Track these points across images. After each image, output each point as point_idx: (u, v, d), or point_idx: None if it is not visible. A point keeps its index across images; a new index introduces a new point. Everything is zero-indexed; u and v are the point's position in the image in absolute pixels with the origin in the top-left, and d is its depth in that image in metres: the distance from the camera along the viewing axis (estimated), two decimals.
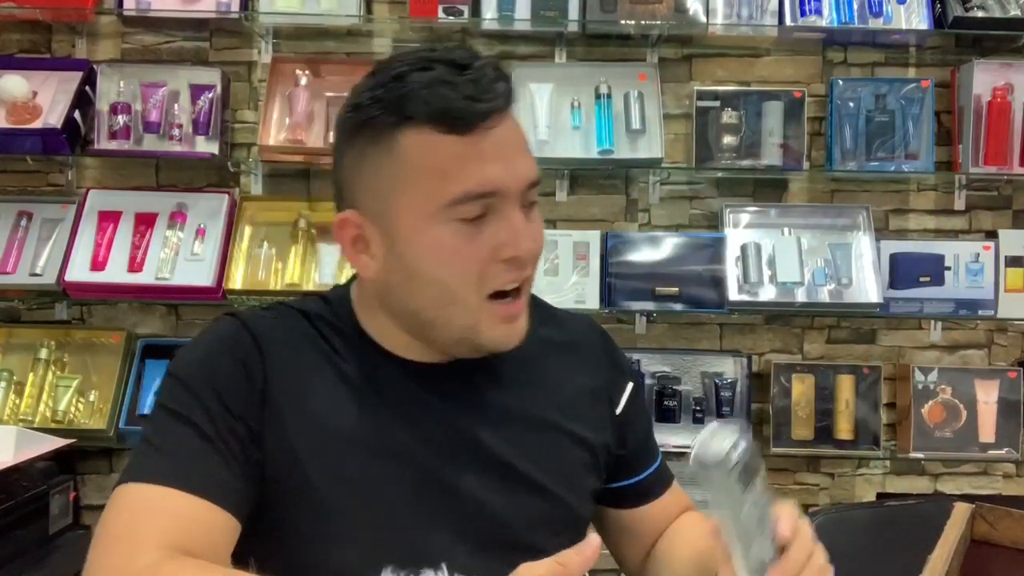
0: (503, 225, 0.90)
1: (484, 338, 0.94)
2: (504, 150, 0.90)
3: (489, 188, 0.89)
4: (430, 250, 0.90)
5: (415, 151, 0.89)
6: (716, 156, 2.41)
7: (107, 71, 2.38)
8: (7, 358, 2.38)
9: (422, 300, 0.93)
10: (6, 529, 1.97)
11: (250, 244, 2.38)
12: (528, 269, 0.94)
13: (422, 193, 0.89)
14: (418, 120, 0.88)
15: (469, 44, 2.39)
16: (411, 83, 0.89)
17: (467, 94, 0.87)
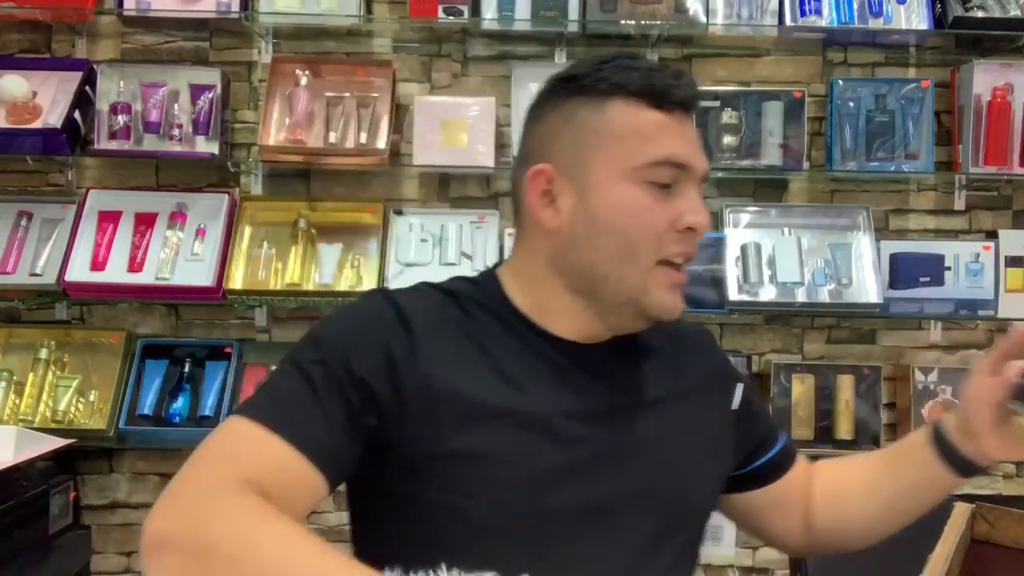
0: (687, 198, 1.00)
1: (650, 300, 1.00)
2: (692, 138, 1.03)
3: (684, 160, 1.00)
4: (620, 204, 0.99)
5: (621, 115, 1.00)
6: (716, 156, 2.41)
7: (107, 71, 2.38)
8: (7, 358, 2.38)
9: (602, 253, 1.00)
10: (6, 529, 1.97)
11: (250, 244, 2.38)
12: (695, 246, 1.02)
13: (623, 151, 0.99)
14: (628, 90, 1.00)
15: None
16: (625, 64, 1.02)
17: (670, 82, 1.01)
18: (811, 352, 2.53)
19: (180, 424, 2.33)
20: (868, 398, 2.42)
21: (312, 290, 2.34)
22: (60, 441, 2.15)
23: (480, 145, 2.35)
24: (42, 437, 2.13)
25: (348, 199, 2.47)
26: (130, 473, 2.50)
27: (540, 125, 1.05)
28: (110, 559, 2.50)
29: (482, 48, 2.50)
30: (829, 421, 2.41)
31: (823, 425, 2.41)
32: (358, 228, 2.41)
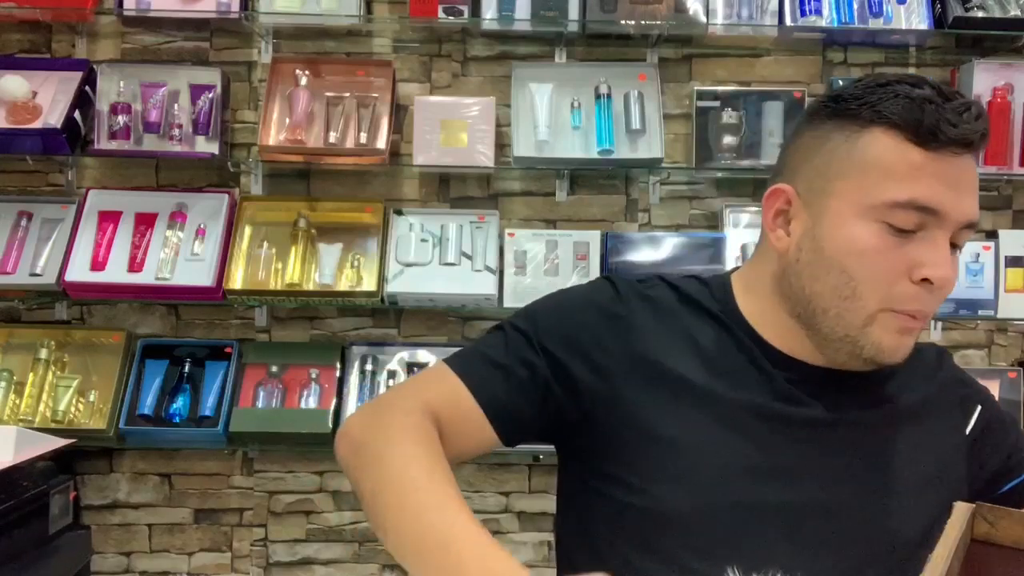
0: (929, 246, 0.93)
1: (868, 341, 0.95)
2: (959, 181, 0.93)
3: (934, 205, 0.91)
4: (848, 240, 0.94)
5: (876, 147, 0.94)
6: (716, 156, 2.41)
7: (107, 71, 2.38)
8: (7, 358, 2.38)
9: (822, 287, 0.96)
10: (6, 529, 1.97)
11: (250, 244, 2.38)
12: (933, 304, 0.95)
13: (866, 185, 0.93)
14: (891, 122, 0.93)
15: None
16: (897, 91, 0.94)
17: (946, 117, 0.91)
18: None
19: (180, 424, 2.33)
20: None
21: (312, 290, 2.34)
22: (60, 441, 2.15)
23: (480, 145, 2.35)
24: (42, 437, 2.13)
25: (348, 199, 2.47)
26: (130, 473, 2.50)
27: (797, 142, 1.02)
28: (110, 559, 2.50)
29: (482, 48, 2.50)
30: None
31: None
32: (358, 228, 2.41)
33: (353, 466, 0.98)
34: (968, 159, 0.94)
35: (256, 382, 2.39)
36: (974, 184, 0.95)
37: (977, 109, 0.94)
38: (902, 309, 0.94)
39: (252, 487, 2.52)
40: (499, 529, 2.50)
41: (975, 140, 0.92)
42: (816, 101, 1.03)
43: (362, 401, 2.37)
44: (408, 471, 0.90)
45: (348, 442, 0.99)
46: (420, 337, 2.51)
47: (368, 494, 0.93)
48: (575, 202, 2.51)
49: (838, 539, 0.97)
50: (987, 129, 0.94)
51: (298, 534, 2.52)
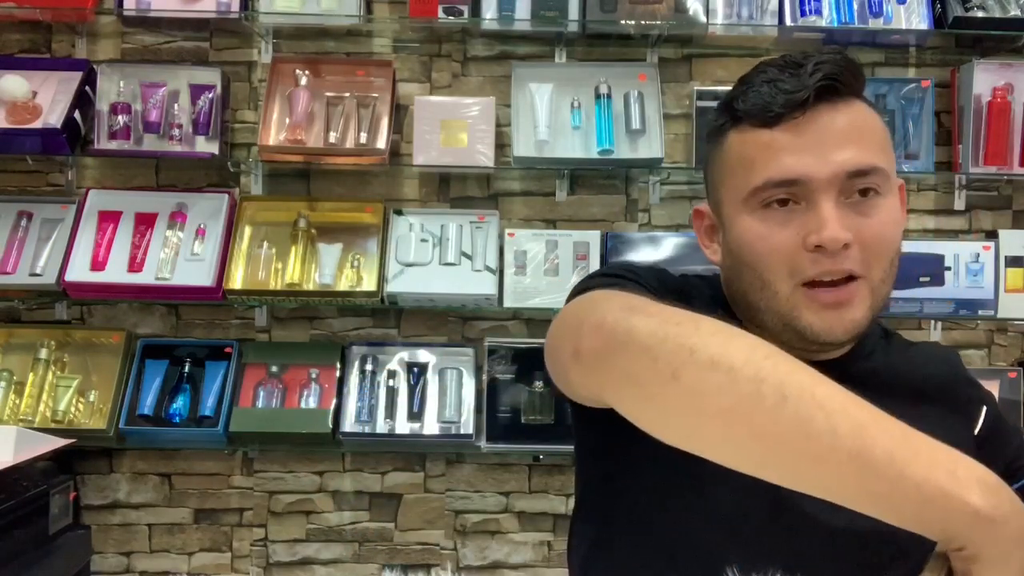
0: (812, 214, 0.91)
1: (803, 324, 0.93)
2: (818, 140, 0.91)
3: (791, 176, 0.91)
4: (741, 236, 0.96)
5: (735, 145, 0.96)
6: None
7: (107, 71, 2.38)
8: (7, 358, 2.38)
9: (744, 285, 0.98)
10: (6, 529, 1.97)
11: (250, 244, 2.38)
12: (848, 261, 0.92)
13: (736, 183, 0.96)
14: (740, 117, 0.95)
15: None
16: (748, 82, 0.96)
17: (782, 89, 0.91)
18: None
19: (180, 424, 2.33)
20: None
21: (312, 290, 2.34)
22: (60, 441, 2.15)
23: (480, 145, 2.35)
24: (42, 437, 2.13)
25: (348, 199, 2.47)
26: (130, 473, 2.50)
27: (706, 162, 1.04)
28: (110, 559, 2.50)
29: (482, 48, 2.50)
30: None
31: None
32: (358, 228, 2.41)
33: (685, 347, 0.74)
34: (824, 113, 0.91)
35: (256, 382, 2.39)
36: (842, 134, 0.92)
37: (816, 65, 0.91)
38: (807, 278, 0.92)
39: (252, 487, 2.51)
40: (499, 529, 2.50)
41: (808, 96, 0.90)
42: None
43: (362, 401, 2.36)
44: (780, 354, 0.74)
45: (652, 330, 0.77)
46: (420, 337, 2.51)
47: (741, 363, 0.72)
48: (575, 202, 2.51)
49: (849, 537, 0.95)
50: (829, 75, 0.91)
51: (298, 534, 2.52)
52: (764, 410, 0.69)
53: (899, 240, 0.99)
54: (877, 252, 0.94)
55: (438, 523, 2.51)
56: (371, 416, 2.36)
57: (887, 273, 0.97)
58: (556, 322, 0.93)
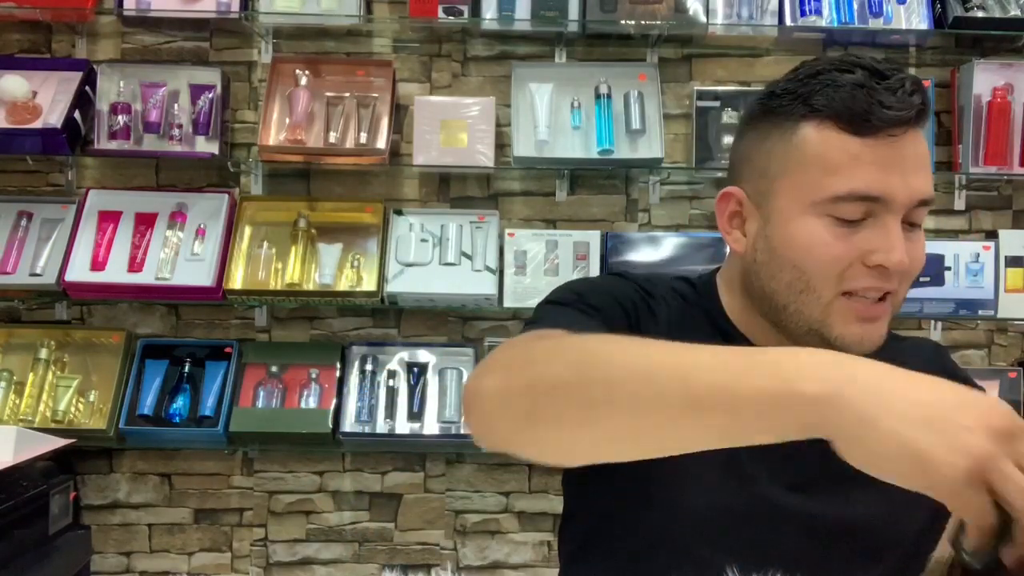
0: (879, 232, 0.91)
1: (834, 333, 0.94)
2: (902, 162, 0.91)
3: (876, 193, 0.90)
4: (796, 238, 0.93)
5: (812, 142, 0.93)
6: (716, 156, 2.41)
7: (107, 71, 2.38)
8: (7, 358, 2.38)
9: (778, 284, 0.96)
10: (6, 529, 1.97)
11: (250, 244, 2.38)
12: (892, 282, 0.93)
13: (808, 182, 0.93)
14: (824, 114, 0.92)
15: (867, 55, 2.36)
16: (827, 80, 0.92)
17: (879, 100, 0.89)
18: None
19: (180, 424, 2.33)
20: None
21: (312, 290, 2.34)
22: (60, 441, 2.15)
23: (480, 145, 2.35)
24: (42, 437, 2.13)
25: (348, 199, 2.47)
26: (130, 473, 2.50)
27: (740, 143, 1.02)
28: (110, 559, 2.50)
29: (482, 48, 2.50)
30: None
31: None
32: (358, 228, 2.41)
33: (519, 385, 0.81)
34: (911, 136, 0.92)
35: (256, 382, 2.39)
36: (920, 161, 0.93)
37: (912, 84, 0.91)
38: (856, 288, 0.92)
39: (252, 487, 2.51)
40: (499, 529, 2.50)
41: (911, 118, 0.90)
42: (753, 99, 1.01)
43: (362, 401, 2.36)
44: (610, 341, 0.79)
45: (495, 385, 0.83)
46: (420, 337, 2.51)
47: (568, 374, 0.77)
48: (575, 202, 2.51)
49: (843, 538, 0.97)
50: (924, 101, 0.92)
51: (298, 534, 2.52)
52: (606, 408, 0.74)
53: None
54: (908, 279, 0.96)
55: (438, 523, 2.51)
56: (371, 416, 2.36)
57: (903, 298, 0.98)
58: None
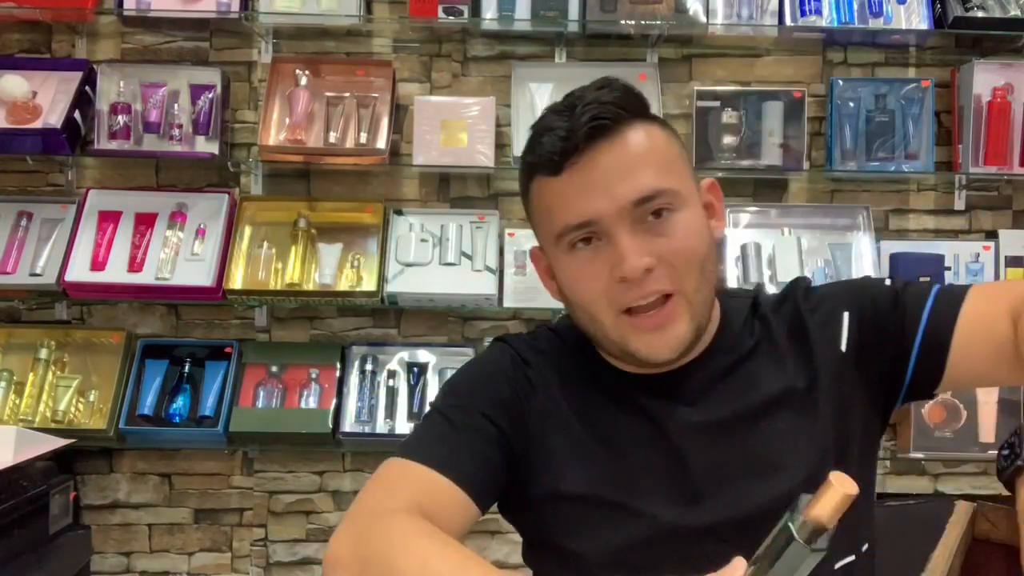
0: (612, 248, 0.97)
1: (633, 348, 0.99)
2: (601, 178, 0.96)
3: (582, 220, 0.97)
4: (564, 277, 1.02)
5: (536, 196, 1.03)
6: (716, 156, 2.41)
7: (107, 71, 2.38)
8: (7, 358, 2.38)
9: (580, 320, 1.04)
10: (6, 529, 1.97)
11: (250, 244, 2.38)
12: (661, 283, 0.97)
13: (545, 229, 1.02)
14: (533, 169, 1.02)
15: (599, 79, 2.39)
16: (533, 137, 1.02)
17: (559, 135, 0.97)
18: None
19: (180, 424, 2.33)
20: None
21: (312, 290, 2.34)
22: (60, 441, 2.15)
23: (480, 145, 2.35)
24: (42, 437, 2.13)
25: (348, 199, 2.47)
26: (130, 473, 2.50)
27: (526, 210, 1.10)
28: (110, 559, 2.50)
29: (482, 48, 2.50)
30: None
31: None
32: (358, 228, 2.41)
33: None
34: (602, 151, 0.96)
35: (256, 382, 2.39)
36: (620, 170, 0.96)
37: (587, 106, 0.97)
38: (624, 306, 0.97)
39: (252, 487, 2.51)
40: (499, 529, 2.50)
41: (580, 141, 0.95)
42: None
43: (362, 401, 2.37)
44: (431, 565, 0.85)
45: (345, 566, 0.90)
46: (420, 337, 2.51)
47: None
48: None
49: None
50: (599, 113, 0.96)
51: (298, 534, 2.51)
52: None
53: (705, 247, 1.00)
54: (684, 266, 0.98)
55: None
56: (371, 416, 2.36)
57: (700, 281, 0.99)
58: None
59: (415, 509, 0.93)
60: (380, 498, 0.96)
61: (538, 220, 1.04)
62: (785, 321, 1.08)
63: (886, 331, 1.04)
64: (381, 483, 0.99)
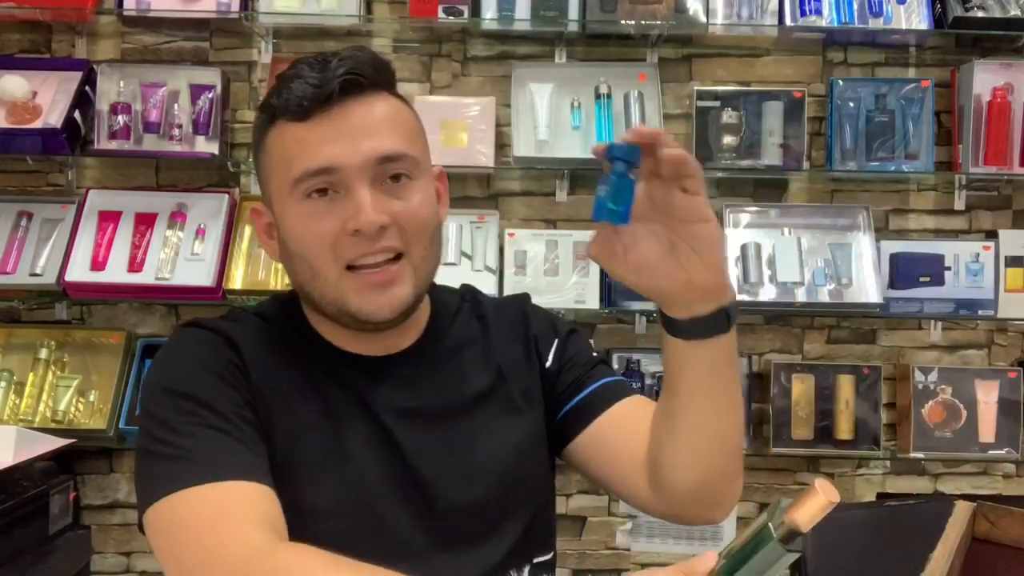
0: (348, 200, 0.96)
1: (354, 308, 0.98)
2: (350, 131, 0.96)
3: (323, 165, 0.96)
4: (290, 228, 0.99)
5: (274, 142, 1.00)
6: (716, 156, 2.41)
7: (107, 71, 2.38)
8: (7, 358, 2.38)
9: (299, 276, 1.01)
10: (6, 529, 1.96)
11: (250, 244, 2.38)
12: (392, 240, 0.97)
13: (279, 176, 0.99)
14: (276, 114, 0.99)
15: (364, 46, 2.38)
16: (281, 84, 0.99)
17: (311, 83, 0.96)
18: (811, 352, 2.53)
19: None
20: (868, 398, 2.42)
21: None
22: (60, 441, 2.15)
23: (480, 145, 2.35)
24: (42, 437, 2.13)
25: None
26: (130, 473, 2.50)
27: (255, 162, 1.07)
28: (110, 559, 2.50)
29: (482, 48, 2.50)
30: (829, 421, 2.41)
31: (823, 425, 2.41)
32: None
33: None
34: (354, 106, 0.97)
35: None
36: (370, 126, 0.97)
37: (345, 57, 0.97)
38: (349, 261, 0.97)
39: None
40: None
41: (333, 90, 0.95)
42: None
43: None
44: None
45: None
46: None
47: None
48: (575, 202, 2.51)
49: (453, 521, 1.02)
50: (359, 73, 0.96)
51: None
52: None
53: (436, 221, 1.03)
54: (415, 231, 0.99)
55: None
56: None
57: (428, 251, 1.01)
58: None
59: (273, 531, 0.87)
60: (227, 538, 0.85)
61: (271, 167, 1.01)
62: (507, 325, 1.13)
63: (567, 374, 1.12)
64: (205, 521, 0.87)
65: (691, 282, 0.87)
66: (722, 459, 0.98)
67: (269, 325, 1.07)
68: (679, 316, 0.90)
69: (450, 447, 1.03)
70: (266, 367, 1.01)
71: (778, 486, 2.52)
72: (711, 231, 0.86)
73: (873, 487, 2.53)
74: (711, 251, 0.86)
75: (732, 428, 0.97)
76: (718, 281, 0.88)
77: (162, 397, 0.96)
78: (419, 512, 1.00)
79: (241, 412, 0.96)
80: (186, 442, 0.92)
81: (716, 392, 0.95)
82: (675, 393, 0.96)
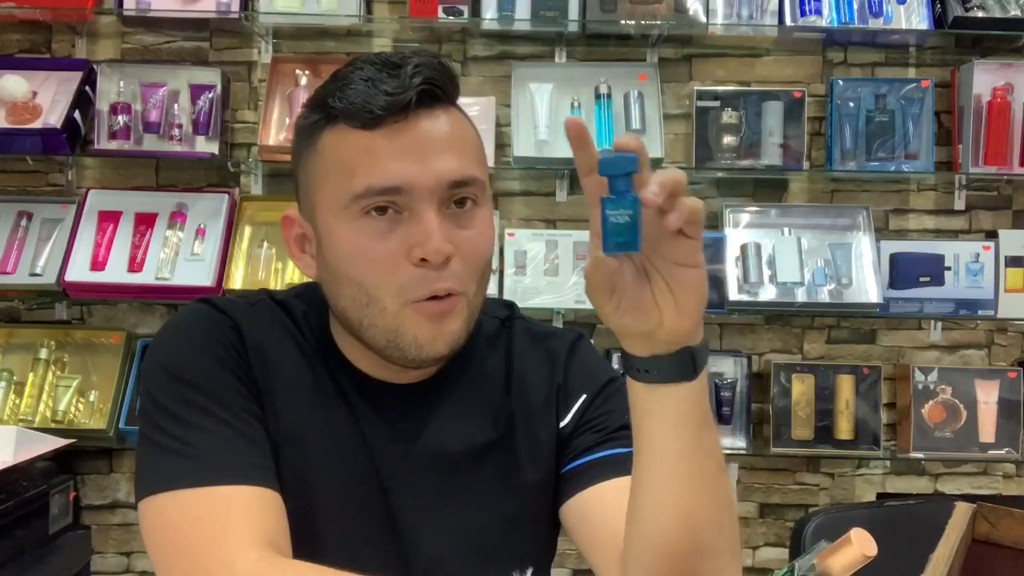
0: (415, 224, 0.87)
1: (408, 338, 0.89)
2: (420, 147, 0.87)
3: (392, 183, 0.87)
4: (341, 248, 0.89)
5: (331, 146, 0.90)
6: (716, 156, 2.41)
7: (107, 71, 2.38)
8: (7, 358, 2.38)
9: (345, 301, 0.91)
10: (6, 529, 1.96)
11: (250, 244, 2.38)
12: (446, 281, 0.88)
13: (334, 187, 0.89)
14: (337, 117, 0.89)
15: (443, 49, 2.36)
16: (340, 83, 0.89)
17: (383, 89, 0.87)
18: (811, 352, 2.53)
19: None
20: (868, 398, 2.42)
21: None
22: (60, 441, 2.15)
23: None
24: (42, 437, 2.13)
25: None
26: (130, 473, 2.50)
27: (294, 169, 0.97)
28: (110, 559, 2.50)
29: (482, 48, 2.50)
30: (829, 421, 2.41)
31: (823, 425, 2.41)
32: None
33: None
34: (425, 119, 0.88)
35: None
36: (442, 143, 0.89)
37: (416, 67, 0.87)
38: (417, 298, 0.88)
39: None
40: None
41: (410, 100, 0.86)
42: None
43: None
44: None
45: None
46: None
47: None
48: (575, 202, 2.51)
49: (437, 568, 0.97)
50: (435, 83, 0.88)
51: None
52: None
53: (491, 252, 0.94)
54: (475, 267, 0.91)
55: None
56: None
57: (479, 286, 0.93)
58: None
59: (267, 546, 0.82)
60: (221, 555, 0.81)
61: (323, 174, 0.90)
62: (537, 365, 1.04)
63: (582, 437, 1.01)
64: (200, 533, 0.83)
65: (661, 323, 0.78)
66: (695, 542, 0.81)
67: (289, 319, 0.98)
68: (638, 353, 0.78)
69: (437, 501, 0.97)
70: (266, 361, 0.94)
71: (778, 486, 2.52)
72: (698, 277, 0.79)
73: (873, 487, 2.53)
74: (692, 298, 0.79)
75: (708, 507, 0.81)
76: (690, 329, 0.80)
77: (167, 381, 0.91)
78: (392, 563, 0.95)
79: (246, 404, 0.91)
80: (188, 435, 0.87)
81: (682, 458, 0.79)
82: (637, 453, 0.82)
